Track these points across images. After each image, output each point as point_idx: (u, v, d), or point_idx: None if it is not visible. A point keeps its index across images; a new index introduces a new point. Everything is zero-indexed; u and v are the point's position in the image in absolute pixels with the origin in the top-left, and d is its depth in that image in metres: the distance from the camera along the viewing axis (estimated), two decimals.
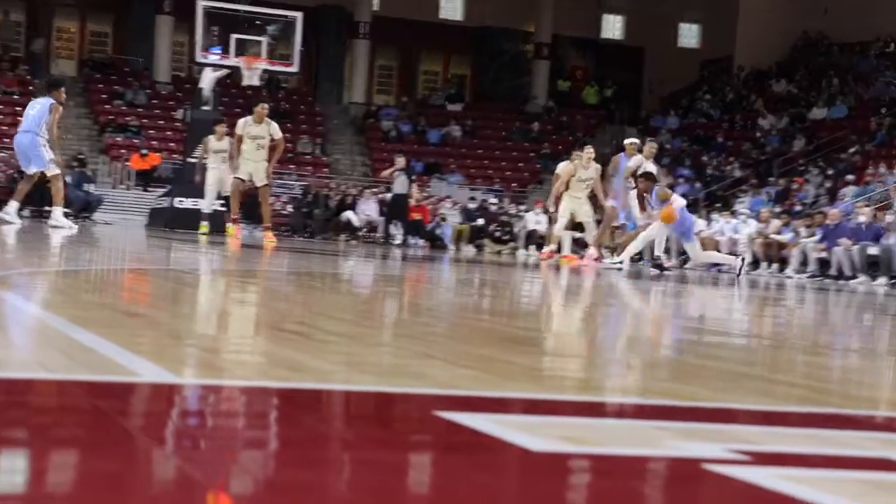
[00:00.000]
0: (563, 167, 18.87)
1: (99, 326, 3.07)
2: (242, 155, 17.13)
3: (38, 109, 15.34)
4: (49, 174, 15.63)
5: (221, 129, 20.33)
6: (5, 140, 33.40)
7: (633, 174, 17.13)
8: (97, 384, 2.16)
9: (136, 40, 39.94)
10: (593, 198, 18.78)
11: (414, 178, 28.45)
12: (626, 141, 19.35)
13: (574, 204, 18.27)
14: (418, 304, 6.19)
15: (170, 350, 2.81)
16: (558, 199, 18.55)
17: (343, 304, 5.59)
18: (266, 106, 17.96)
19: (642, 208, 17.00)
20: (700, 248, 17.39)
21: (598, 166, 18.76)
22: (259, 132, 17.15)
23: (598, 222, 18.53)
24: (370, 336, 3.81)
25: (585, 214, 18.52)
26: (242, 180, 17.33)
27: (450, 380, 2.59)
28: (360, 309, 5.37)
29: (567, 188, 18.25)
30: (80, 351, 2.56)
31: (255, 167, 17.06)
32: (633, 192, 17.11)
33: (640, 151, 18.27)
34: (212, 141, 20.20)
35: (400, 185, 26.89)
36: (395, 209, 27.44)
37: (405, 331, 4.11)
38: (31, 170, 15.64)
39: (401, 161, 27.48)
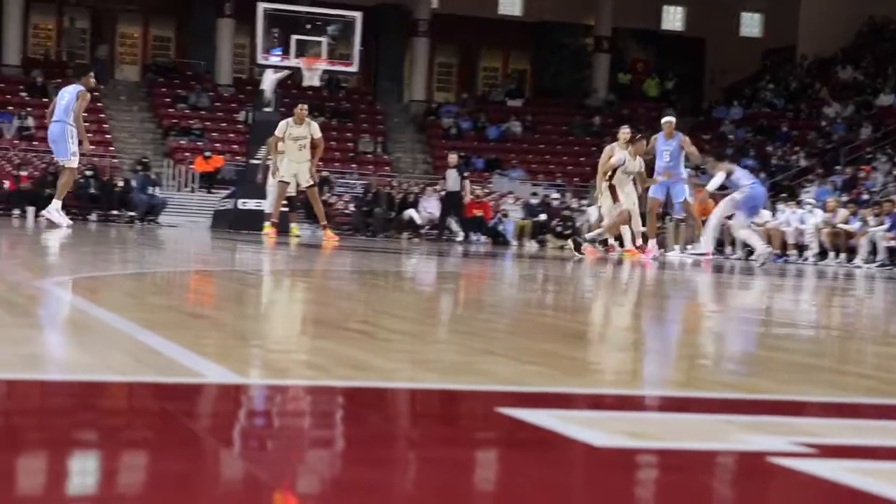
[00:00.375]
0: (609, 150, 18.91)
1: (165, 329, 3.10)
2: (286, 156, 17.26)
3: (67, 98, 15.34)
4: (66, 165, 15.59)
5: (301, 110, 20.17)
6: (91, 147, 33.85)
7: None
8: (164, 386, 2.18)
9: (198, 44, 40.32)
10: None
11: (466, 174, 28.42)
12: (664, 120, 19.05)
13: (626, 197, 18.46)
14: (480, 300, 6.19)
15: (234, 351, 2.84)
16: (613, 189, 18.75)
17: (405, 303, 5.60)
18: (305, 107, 18.06)
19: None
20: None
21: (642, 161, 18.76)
22: (300, 133, 17.24)
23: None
24: (433, 334, 3.83)
25: (633, 204, 18.66)
26: (287, 183, 17.47)
27: (513, 376, 2.59)
28: (423, 307, 5.38)
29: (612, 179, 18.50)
30: (146, 353, 2.59)
31: (298, 168, 17.19)
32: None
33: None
34: (290, 124, 20.05)
35: (452, 181, 26.92)
36: (448, 206, 27.48)
37: (467, 328, 4.09)
38: (65, 162, 15.56)
39: (453, 158, 27.53)
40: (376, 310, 4.87)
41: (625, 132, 17.40)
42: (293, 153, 17.22)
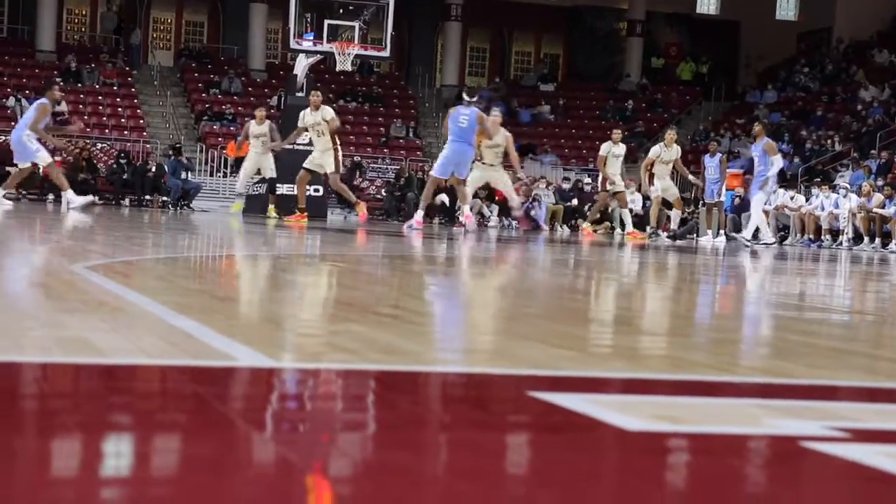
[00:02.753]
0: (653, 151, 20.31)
1: (197, 312, 3.12)
2: (315, 146, 17.39)
3: (30, 110, 16.85)
4: (42, 165, 16.98)
5: (261, 112, 20.79)
6: (106, 131, 34.09)
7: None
8: (196, 369, 2.20)
9: (231, 29, 40.43)
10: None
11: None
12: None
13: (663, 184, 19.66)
14: (512, 284, 6.19)
15: (266, 334, 2.85)
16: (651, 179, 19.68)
17: (436, 286, 5.60)
18: (319, 94, 18.20)
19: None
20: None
21: (679, 148, 19.78)
22: (315, 120, 17.34)
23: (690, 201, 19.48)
24: (464, 317, 3.83)
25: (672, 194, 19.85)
26: (310, 171, 17.55)
27: (544, 360, 2.59)
28: (454, 291, 5.37)
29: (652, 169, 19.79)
30: (179, 337, 2.61)
31: (320, 156, 17.28)
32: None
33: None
34: (252, 125, 20.58)
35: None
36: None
37: (499, 312, 4.09)
38: (22, 163, 17.02)
39: None
40: (407, 294, 4.87)
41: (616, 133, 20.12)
42: (313, 141, 17.38)
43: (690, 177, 20.90)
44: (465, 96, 16.77)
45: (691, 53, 43.58)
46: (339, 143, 17.93)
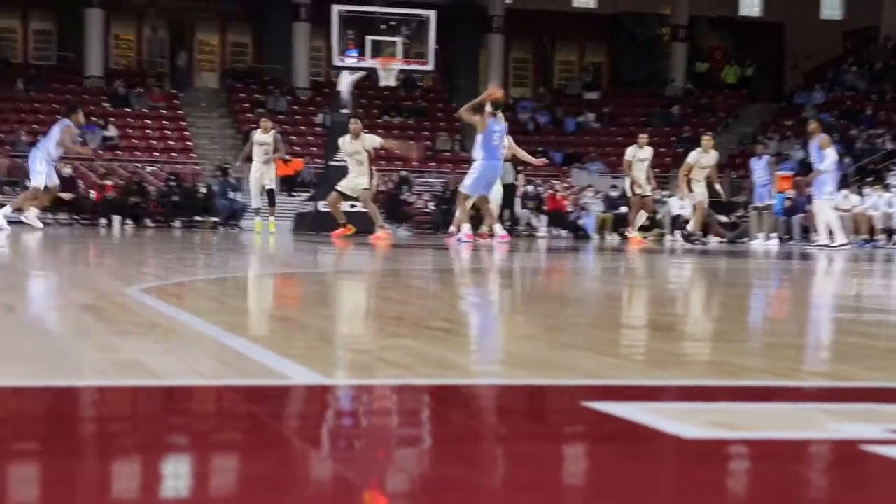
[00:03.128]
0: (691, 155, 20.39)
1: (249, 332, 3.14)
2: (351, 171, 17.45)
3: (54, 131, 17.13)
4: (31, 184, 17.67)
5: (266, 123, 20.81)
6: (154, 154, 34.41)
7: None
8: (250, 389, 2.21)
9: (275, 49, 40.71)
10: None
11: (520, 168, 28.07)
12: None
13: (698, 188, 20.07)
14: (562, 294, 6.17)
15: (319, 352, 2.86)
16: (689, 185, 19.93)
17: (485, 298, 5.59)
18: (358, 121, 18.06)
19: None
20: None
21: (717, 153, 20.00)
22: (355, 148, 17.35)
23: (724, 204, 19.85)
24: (515, 329, 3.82)
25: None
26: (340, 193, 17.55)
27: (597, 369, 2.58)
28: (504, 302, 5.37)
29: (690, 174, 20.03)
30: (232, 357, 2.62)
31: (353, 182, 17.36)
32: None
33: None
34: (257, 134, 20.51)
35: (507, 174, 26.57)
36: (503, 199, 27.00)
37: (550, 321, 4.06)
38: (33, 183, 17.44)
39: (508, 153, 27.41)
40: (457, 307, 4.87)
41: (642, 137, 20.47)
42: (352, 167, 17.41)
43: (717, 185, 20.94)
44: (495, 110, 16.50)
45: (736, 56, 43.33)
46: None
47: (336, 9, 25.31)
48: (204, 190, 30.43)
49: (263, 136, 20.35)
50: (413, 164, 35.34)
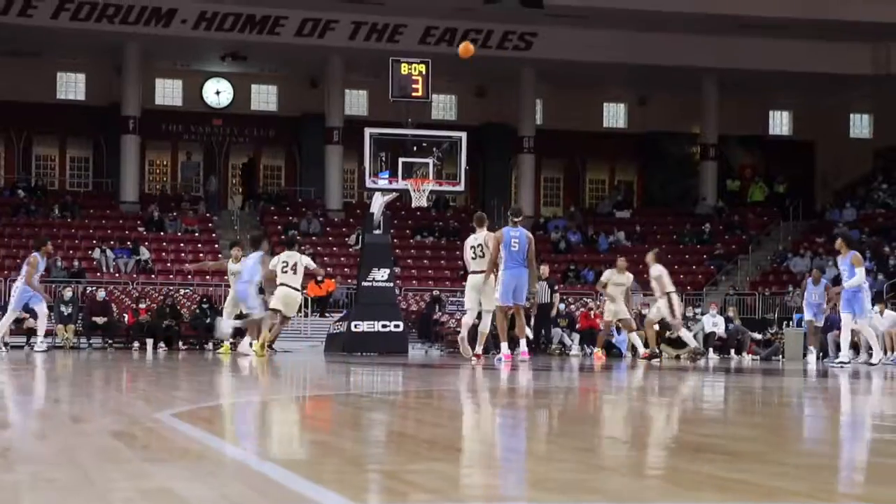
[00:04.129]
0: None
1: (280, 457, 3.12)
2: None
3: (252, 262, 18.77)
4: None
5: (237, 252, 21.13)
6: (189, 277, 34.67)
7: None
8: None
9: (308, 171, 41.27)
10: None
11: (556, 287, 28.18)
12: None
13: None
14: (595, 414, 6.13)
15: (352, 477, 2.83)
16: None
17: (518, 420, 5.57)
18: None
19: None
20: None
21: None
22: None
23: None
24: (548, 451, 3.80)
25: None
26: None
27: (633, 492, 2.54)
28: (536, 423, 5.36)
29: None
30: (262, 483, 2.60)
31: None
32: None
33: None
34: (230, 263, 20.90)
35: (543, 294, 26.69)
36: (539, 319, 27.12)
37: (582, 443, 4.04)
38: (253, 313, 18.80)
39: (544, 270, 27.56)
40: (489, 429, 4.87)
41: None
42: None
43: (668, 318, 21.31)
44: (511, 217, 16.53)
45: (766, 174, 43.55)
46: None
47: (368, 132, 25.61)
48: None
49: (234, 266, 20.42)
50: (445, 283, 35.46)
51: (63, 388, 7.99)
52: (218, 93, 42.02)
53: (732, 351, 28.95)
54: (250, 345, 18.47)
